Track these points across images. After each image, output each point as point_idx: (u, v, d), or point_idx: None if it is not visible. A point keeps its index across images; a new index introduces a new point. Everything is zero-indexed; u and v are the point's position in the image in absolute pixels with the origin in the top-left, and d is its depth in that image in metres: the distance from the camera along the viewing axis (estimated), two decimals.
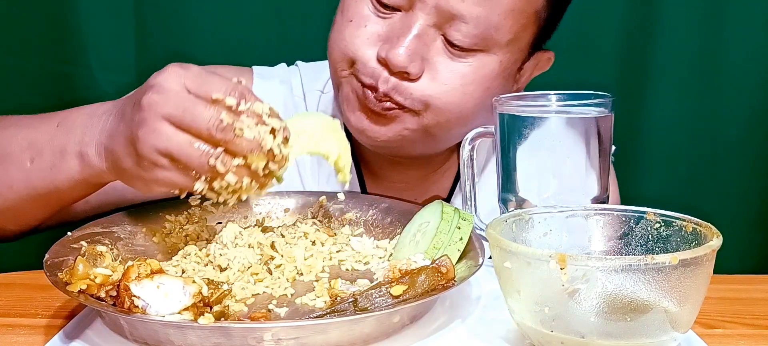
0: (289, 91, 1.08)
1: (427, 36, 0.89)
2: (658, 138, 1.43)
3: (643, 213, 0.72)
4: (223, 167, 0.71)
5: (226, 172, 0.72)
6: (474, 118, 0.93)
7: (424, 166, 1.06)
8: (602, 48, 1.40)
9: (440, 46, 0.90)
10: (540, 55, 0.99)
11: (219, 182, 0.72)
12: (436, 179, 1.08)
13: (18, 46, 1.38)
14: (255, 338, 0.63)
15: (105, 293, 0.68)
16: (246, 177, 0.73)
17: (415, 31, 0.88)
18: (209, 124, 0.71)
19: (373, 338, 0.68)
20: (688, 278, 0.62)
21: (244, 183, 0.73)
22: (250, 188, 0.74)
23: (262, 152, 0.72)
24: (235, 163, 0.72)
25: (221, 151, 0.71)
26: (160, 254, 0.82)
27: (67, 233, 0.80)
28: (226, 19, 1.38)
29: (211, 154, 0.71)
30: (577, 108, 0.85)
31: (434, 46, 0.89)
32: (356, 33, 0.91)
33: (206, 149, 0.71)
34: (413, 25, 0.88)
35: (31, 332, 0.72)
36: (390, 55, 0.88)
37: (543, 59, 1.00)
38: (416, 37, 0.88)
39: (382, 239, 0.88)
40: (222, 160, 0.71)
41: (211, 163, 0.71)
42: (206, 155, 0.71)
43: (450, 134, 0.96)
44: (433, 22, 0.88)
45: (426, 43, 0.89)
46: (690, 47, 1.39)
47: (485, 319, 0.74)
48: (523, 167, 0.85)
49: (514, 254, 0.64)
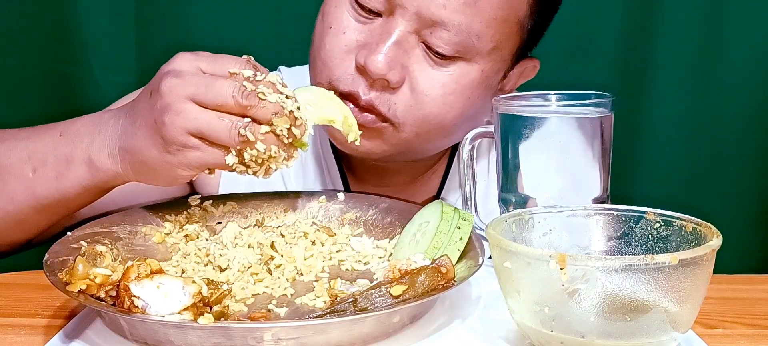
0: None
1: (408, 43, 0.87)
2: (658, 138, 1.43)
3: (643, 213, 0.72)
4: (252, 136, 0.74)
5: (256, 140, 0.74)
6: (455, 128, 0.92)
7: (409, 171, 1.05)
8: (602, 48, 1.40)
9: (420, 54, 0.88)
10: (525, 63, 0.98)
11: (249, 152, 0.74)
12: (422, 182, 1.07)
13: (18, 46, 1.38)
14: (255, 338, 0.63)
15: (105, 293, 0.68)
16: (273, 145, 0.75)
17: (395, 38, 0.86)
18: (234, 93, 0.73)
19: (373, 338, 0.68)
20: (688, 278, 0.62)
21: (273, 150, 0.75)
22: (278, 156, 0.76)
23: (285, 115, 0.75)
24: (263, 130, 0.74)
25: (248, 121, 0.74)
26: (160, 254, 0.82)
27: (67, 233, 0.80)
28: (226, 20, 1.38)
29: (239, 125, 0.73)
30: (577, 108, 0.85)
31: (414, 54, 0.88)
32: (335, 41, 0.89)
33: (234, 121, 0.73)
34: (393, 31, 0.86)
35: (31, 332, 0.72)
36: (368, 62, 0.85)
37: (529, 67, 0.99)
38: (395, 44, 0.86)
39: (382, 239, 0.88)
40: (250, 128, 0.73)
41: (242, 132, 0.73)
42: (235, 126, 0.73)
43: (432, 145, 0.95)
44: (413, 28, 0.86)
45: (406, 51, 0.87)
46: (690, 47, 1.39)
47: (485, 319, 0.74)
48: (524, 167, 0.85)
49: (514, 254, 0.64)
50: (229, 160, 0.75)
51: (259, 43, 1.37)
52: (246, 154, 0.75)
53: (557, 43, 1.37)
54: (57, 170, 0.82)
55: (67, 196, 0.82)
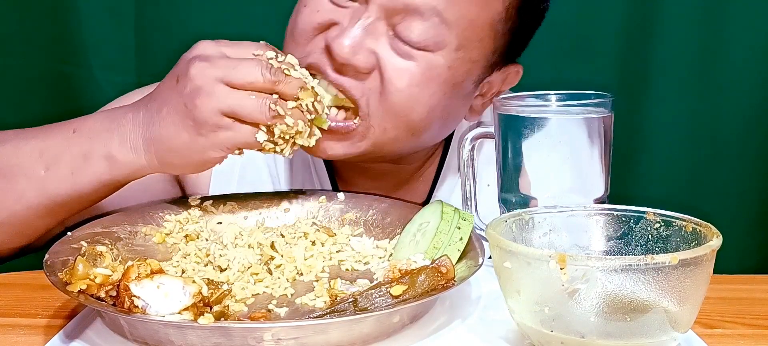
0: None
1: (377, 30, 0.86)
2: (658, 138, 1.43)
3: (643, 213, 0.72)
4: (282, 110, 0.77)
5: (285, 114, 0.77)
6: (423, 128, 0.90)
7: (396, 175, 1.04)
8: (602, 48, 1.40)
9: (389, 42, 0.86)
10: (508, 69, 0.96)
11: (279, 127, 0.78)
12: (411, 186, 1.06)
13: (18, 46, 1.38)
14: (255, 338, 0.63)
15: (105, 293, 0.68)
16: (300, 120, 0.79)
17: (365, 23, 0.85)
18: (263, 70, 0.76)
19: (373, 338, 0.68)
20: (688, 278, 0.62)
21: (300, 125, 0.79)
22: (304, 132, 0.80)
23: (309, 89, 0.80)
24: (290, 105, 0.78)
25: (276, 98, 0.77)
26: (160, 254, 0.82)
27: (67, 233, 0.80)
28: (225, 20, 1.38)
29: (268, 101, 0.77)
30: (577, 108, 0.85)
31: (382, 42, 0.86)
32: (308, 19, 0.89)
33: (264, 97, 0.77)
34: (364, 16, 0.86)
35: (31, 332, 0.72)
36: (333, 44, 0.85)
37: (511, 73, 0.97)
38: (364, 29, 0.85)
39: (382, 239, 0.88)
40: (280, 104, 0.77)
41: (273, 107, 0.76)
42: (265, 103, 0.76)
43: (400, 145, 0.92)
44: (383, 15, 0.86)
45: (375, 38, 0.86)
46: (690, 47, 1.39)
47: (485, 319, 0.74)
48: (523, 167, 0.85)
49: (514, 254, 0.64)
50: (261, 138, 0.78)
51: None
52: (276, 130, 0.78)
53: (557, 43, 1.38)
54: (72, 167, 0.82)
55: (83, 192, 0.83)
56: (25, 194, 0.84)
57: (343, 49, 0.84)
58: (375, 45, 0.86)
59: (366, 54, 0.86)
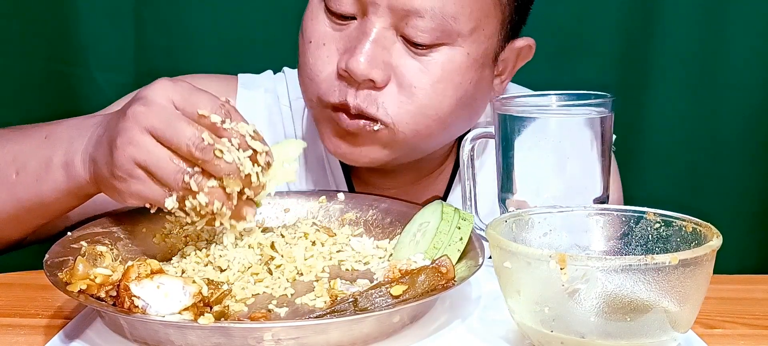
0: (275, 100, 1.06)
1: (386, 39, 0.86)
2: (658, 138, 1.43)
3: (643, 213, 0.72)
4: (196, 186, 0.72)
5: (199, 191, 0.72)
6: (454, 119, 0.91)
7: (415, 171, 1.04)
8: (602, 48, 1.40)
9: (402, 48, 0.87)
10: (519, 43, 0.96)
11: (191, 200, 0.73)
12: (428, 183, 1.06)
13: (17, 47, 1.38)
14: (255, 338, 0.63)
15: (105, 293, 0.68)
16: (218, 201, 0.73)
17: (373, 36, 0.85)
18: (190, 141, 0.71)
19: (373, 338, 0.68)
20: (688, 278, 0.62)
21: (216, 207, 0.73)
22: (221, 214, 0.74)
23: (239, 177, 0.73)
24: (210, 184, 0.73)
25: (198, 171, 0.72)
26: (160, 254, 0.82)
27: (67, 233, 0.80)
28: (225, 20, 1.38)
29: (186, 171, 0.72)
30: (577, 108, 0.85)
31: (395, 49, 0.87)
32: (317, 54, 0.89)
33: (183, 166, 0.72)
34: (369, 30, 0.85)
35: (31, 332, 0.72)
36: (350, 65, 0.85)
37: (524, 48, 0.96)
38: (374, 43, 0.85)
39: (382, 239, 0.88)
40: (196, 179, 0.72)
41: (186, 180, 0.72)
42: (182, 172, 0.72)
43: (433, 141, 0.93)
44: (389, 23, 0.86)
45: (386, 47, 0.86)
46: (690, 47, 1.39)
47: (485, 319, 0.74)
48: (523, 168, 0.85)
49: (514, 254, 0.64)
50: (169, 204, 0.73)
51: (258, 44, 1.37)
52: (188, 203, 0.73)
53: (557, 43, 1.38)
54: (37, 173, 0.81)
55: (46, 200, 0.82)
56: (0, 197, 0.84)
57: (360, 66, 0.84)
58: (388, 56, 0.86)
59: (382, 66, 0.86)
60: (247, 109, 0.78)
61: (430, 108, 0.88)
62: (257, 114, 1.04)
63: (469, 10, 0.86)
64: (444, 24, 0.85)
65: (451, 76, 0.88)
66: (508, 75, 0.98)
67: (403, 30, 0.86)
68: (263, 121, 1.04)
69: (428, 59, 0.87)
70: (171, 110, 0.72)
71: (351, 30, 0.88)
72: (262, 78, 1.09)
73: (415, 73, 0.87)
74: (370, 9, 0.86)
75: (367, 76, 0.85)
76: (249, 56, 1.36)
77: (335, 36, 0.88)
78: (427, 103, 0.88)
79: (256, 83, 1.08)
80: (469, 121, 0.96)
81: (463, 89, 0.89)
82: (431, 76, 0.87)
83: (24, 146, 0.84)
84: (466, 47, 0.88)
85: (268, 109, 1.06)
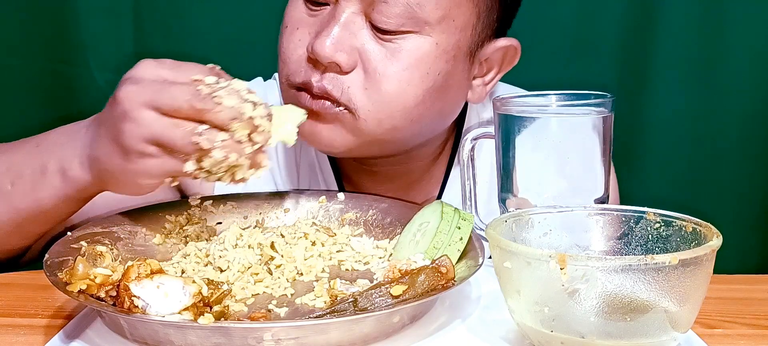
0: None
1: (355, 24, 0.87)
2: (658, 138, 1.43)
3: (643, 213, 0.72)
4: (208, 143, 0.71)
5: (212, 148, 0.71)
6: (422, 114, 0.90)
7: (403, 176, 1.03)
8: (602, 48, 1.40)
9: (369, 33, 0.87)
10: (501, 43, 0.94)
11: (208, 159, 0.72)
12: (419, 188, 1.05)
13: (17, 46, 1.38)
14: (255, 338, 0.63)
15: (105, 293, 0.68)
16: (233, 152, 0.72)
17: (341, 20, 0.86)
18: (189, 97, 0.71)
19: (373, 338, 0.68)
20: (688, 278, 0.62)
21: (232, 158, 0.73)
22: (241, 165, 0.74)
23: (244, 121, 0.72)
24: (220, 138, 0.72)
25: (205, 128, 0.72)
26: (160, 254, 0.82)
27: (67, 233, 0.80)
28: (224, 20, 1.38)
29: (194, 132, 0.71)
30: (577, 108, 0.85)
31: (363, 35, 0.87)
32: (290, 37, 0.90)
33: (190, 128, 0.71)
34: (339, 15, 0.86)
35: (31, 332, 0.72)
36: (316, 48, 0.85)
37: (509, 49, 0.95)
38: (342, 27, 0.86)
39: (382, 239, 0.88)
40: (206, 135, 0.71)
41: (195, 140, 0.71)
42: (190, 133, 0.71)
43: (401, 135, 0.92)
44: (358, 9, 0.86)
45: (353, 33, 0.87)
46: (690, 47, 1.39)
47: (485, 319, 0.74)
48: (523, 168, 0.85)
49: (514, 254, 0.64)
50: (188, 168, 0.73)
51: (257, 44, 1.37)
52: (205, 163, 0.73)
53: (557, 43, 1.38)
54: (33, 182, 0.81)
55: (45, 207, 0.82)
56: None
57: (325, 49, 0.85)
58: (355, 41, 0.87)
59: (348, 50, 0.86)
60: None
61: (395, 96, 0.87)
62: None
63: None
64: (409, 10, 0.85)
65: (417, 65, 0.87)
66: (493, 77, 0.97)
67: (371, 16, 0.86)
68: None
69: (395, 46, 0.87)
70: (161, 81, 0.72)
71: (323, 15, 0.88)
72: (253, 86, 1.08)
73: (381, 60, 0.87)
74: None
75: (331, 58, 0.86)
76: (249, 56, 1.36)
77: (309, 21, 0.89)
78: (391, 90, 0.87)
79: None
80: (441, 118, 0.95)
81: (431, 80, 0.88)
82: (397, 63, 0.87)
83: (16, 157, 0.84)
84: (434, 37, 0.87)
85: None
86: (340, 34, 0.86)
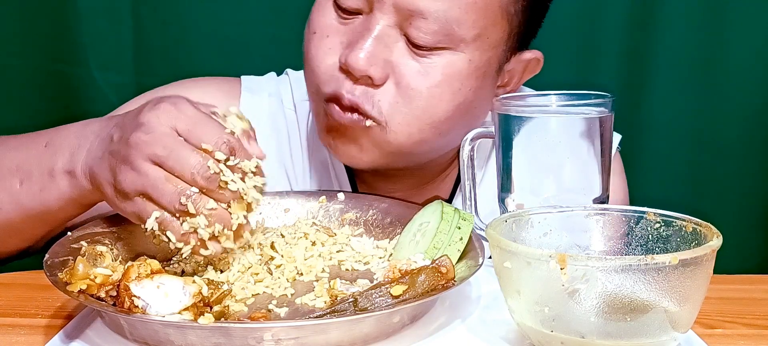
0: (279, 105, 1.05)
1: (389, 37, 0.86)
2: (658, 138, 1.43)
3: (643, 213, 0.72)
4: (194, 209, 0.70)
5: (196, 214, 0.70)
6: (450, 127, 0.90)
7: (417, 176, 1.03)
8: (602, 48, 1.40)
9: (403, 47, 0.86)
10: (526, 56, 0.95)
11: (189, 221, 0.71)
12: (432, 188, 1.05)
13: (17, 46, 1.38)
14: (255, 338, 0.63)
15: (105, 293, 0.68)
16: (218, 223, 0.71)
17: (375, 33, 0.85)
18: (194, 170, 0.70)
19: (373, 338, 0.68)
20: (688, 278, 0.62)
21: (216, 229, 0.71)
22: (223, 234, 0.72)
23: (241, 204, 0.72)
24: (210, 206, 0.71)
25: (195, 191, 0.71)
26: (160, 254, 0.82)
27: (67, 233, 0.80)
28: (224, 19, 1.38)
29: (185, 193, 0.70)
30: (577, 108, 0.85)
31: (397, 48, 0.86)
32: (319, 45, 0.89)
33: (181, 188, 0.70)
34: (373, 27, 0.85)
35: (31, 332, 0.72)
36: (349, 59, 0.85)
37: (532, 61, 0.96)
38: (376, 39, 0.85)
39: (382, 239, 0.88)
40: (194, 200, 0.70)
41: (183, 202, 0.70)
42: (179, 193, 0.70)
43: (428, 147, 0.92)
44: (393, 22, 0.86)
45: (388, 46, 0.86)
46: (690, 47, 1.39)
47: (485, 319, 0.74)
48: (523, 167, 0.85)
49: (514, 254, 0.64)
50: (149, 224, 0.71)
51: (257, 43, 1.37)
52: (185, 225, 0.71)
53: (558, 43, 1.38)
54: (41, 183, 0.81)
55: (51, 209, 0.82)
56: (4, 206, 0.84)
57: (359, 61, 0.84)
58: (389, 54, 0.86)
59: (382, 64, 0.86)
60: (251, 115, 0.77)
61: (425, 111, 0.87)
62: (261, 120, 1.02)
63: (474, 17, 0.86)
64: (447, 28, 0.85)
65: (450, 81, 0.87)
66: (513, 87, 0.97)
67: (406, 30, 0.85)
68: (267, 126, 1.03)
69: (429, 62, 0.86)
70: (174, 138, 0.71)
71: (356, 25, 0.87)
72: (265, 81, 1.09)
73: (414, 75, 0.86)
74: (376, 6, 0.85)
75: (365, 72, 0.85)
76: (248, 56, 1.36)
77: (340, 29, 0.88)
78: (422, 105, 0.87)
79: (260, 87, 1.07)
80: (467, 130, 0.94)
81: (462, 96, 0.88)
82: (430, 79, 0.86)
83: (25, 155, 0.84)
84: (468, 54, 0.87)
85: (272, 115, 1.04)
86: (374, 47, 0.85)
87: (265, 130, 0.98)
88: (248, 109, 1.00)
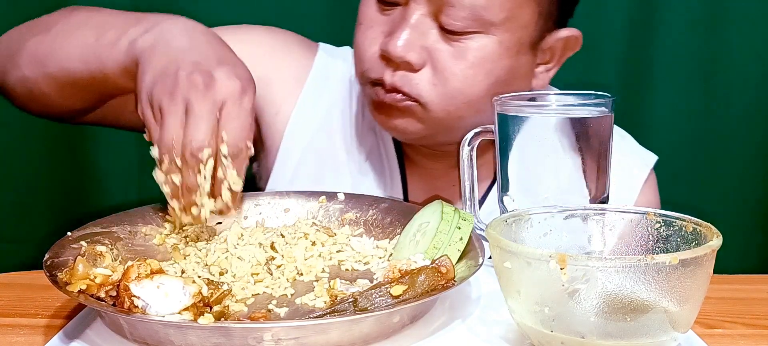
0: (349, 71, 1.10)
1: (424, 25, 0.93)
2: (658, 138, 1.43)
3: (643, 213, 0.72)
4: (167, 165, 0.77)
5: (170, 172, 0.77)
6: (485, 103, 0.94)
7: None
8: (603, 48, 1.40)
9: (437, 34, 0.93)
10: (564, 34, 0.99)
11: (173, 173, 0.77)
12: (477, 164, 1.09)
13: None
14: (255, 338, 0.63)
15: (105, 293, 0.68)
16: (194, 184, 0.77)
17: (411, 22, 0.92)
18: (193, 142, 0.76)
19: (373, 338, 0.68)
20: (688, 278, 0.62)
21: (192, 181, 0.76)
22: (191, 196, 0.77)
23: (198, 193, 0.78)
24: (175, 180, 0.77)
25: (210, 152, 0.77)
26: (160, 255, 0.82)
27: (67, 233, 0.80)
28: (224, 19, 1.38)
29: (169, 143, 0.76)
30: (577, 108, 0.85)
31: (432, 35, 0.93)
32: (365, 35, 0.97)
33: (167, 138, 0.76)
34: (409, 16, 0.93)
35: (31, 332, 0.72)
36: (388, 48, 0.92)
37: (570, 39, 1.00)
38: (412, 28, 0.92)
39: (382, 239, 0.88)
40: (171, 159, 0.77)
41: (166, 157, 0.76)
42: (169, 140, 0.76)
43: (464, 122, 0.96)
44: (427, 11, 0.92)
45: (423, 33, 0.93)
46: (691, 47, 1.39)
47: (485, 319, 0.74)
48: (523, 167, 0.85)
49: (514, 254, 0.64)
50: (153, 153, 0.77)
51: None
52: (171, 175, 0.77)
53: None
54: (112, 39, 0.87)
55: (105, 70, 0.88)
56: (73, 55, 0.91)
57: (397, 49, 0.92)
58: (425, 41, 0.93)
59: (418, 50, 0.93)
60: (324, 76, 0.94)
61: (461, 92, 0.94)
62: (332, 81, 1.11)
63: (500, 1, 0.91)
64: (475, 13, 0.91)
65: (482, 63, 0.93)
66: (556, 64, 1.02)
67: (439, 17, 0.92)
68: (337, 93, 1.11)
69: (462, 46, 0.92)
70: (212, 109, 0.77)
71: (395, 15, 0.95)
72: (342, 50, 1.15)
73: (449, 59, 0.93)
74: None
75: (403, 58, 0.92)
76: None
77: (381, 20, 0.96)
78: (458, 86, 0.93)
79: (336, 54, 1.14)
80: None
81: (495, 76, 0.94)
82: (464, 61, 0.93)
83: (113, 20, 0.92)
84: (498, 36, 0.93)
85: (343, 79, 1.11)
86: (411, 35, 0.92)
87: (333, 94, 1.10)
88: (324, 70, 1.10)
